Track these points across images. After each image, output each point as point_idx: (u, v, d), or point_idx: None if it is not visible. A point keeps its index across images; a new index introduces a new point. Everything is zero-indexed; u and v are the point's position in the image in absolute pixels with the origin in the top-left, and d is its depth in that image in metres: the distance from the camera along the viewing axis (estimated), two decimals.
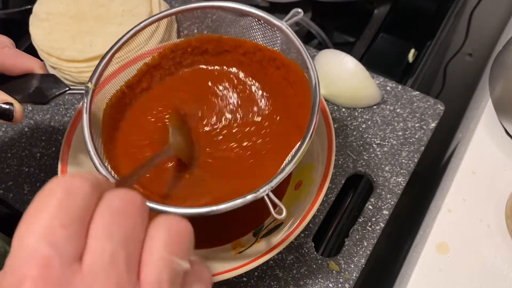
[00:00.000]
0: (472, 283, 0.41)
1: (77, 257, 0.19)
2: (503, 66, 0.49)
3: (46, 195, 0.20)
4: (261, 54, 0.43)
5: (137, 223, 0.21)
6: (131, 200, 0.21)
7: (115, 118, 0.43)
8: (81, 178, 0.21)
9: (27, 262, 0.18)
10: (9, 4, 0.69)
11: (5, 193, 0.50)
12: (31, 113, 0.55)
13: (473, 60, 0.90)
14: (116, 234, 0.20)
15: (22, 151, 0.53)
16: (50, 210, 0.19)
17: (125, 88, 0.43)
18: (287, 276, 0.44)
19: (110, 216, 0.20)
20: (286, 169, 0.34)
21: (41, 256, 0.18)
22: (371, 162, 0.50)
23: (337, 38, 0.70)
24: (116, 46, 0.41)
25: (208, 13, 0.54)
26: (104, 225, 0.20)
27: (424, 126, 0.52)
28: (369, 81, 0.51)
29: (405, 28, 0.67)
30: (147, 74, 0.44)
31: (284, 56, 0.42)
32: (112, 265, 0.19)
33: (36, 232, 0.18)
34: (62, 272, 0.18)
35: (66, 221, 0.19)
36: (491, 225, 0.44)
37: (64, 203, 0.19)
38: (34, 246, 0.18)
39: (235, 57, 0.45)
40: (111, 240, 0.20)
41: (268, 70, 0.44)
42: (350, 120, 0.53)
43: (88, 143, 0.36)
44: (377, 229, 0.46)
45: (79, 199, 0.20)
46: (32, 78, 0.38)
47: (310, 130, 0.35)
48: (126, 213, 0.21)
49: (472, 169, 0.47)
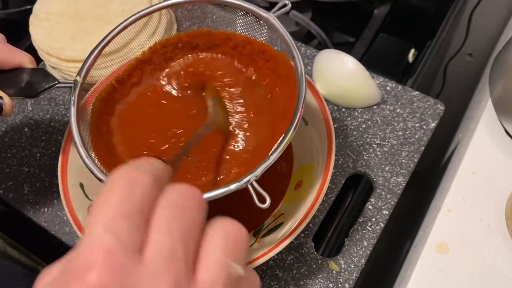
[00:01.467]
0: (472, 283, 0.41)
1: (138, 247, 0.19)
2: (503, 66, 0.49)
3: (110, 186, 0.21)
4: (250, 47, 0.43)
5: (196, 219, 0.21)
6: (191, 196, 0.22)
7: (106, 112, 0.43)
8: (143, 170, 0.21)
9: (94, 249, 0.19)
10: (9, 4, 0.69)
11: (5, 193, 0.50)
12: (31, 113, 0.55)
13: (473, 60, 0.90)
14: (175, 229, 0.20)
15: (22, 151, 0.53)
16: (113, 201, 0.20)
17: (115, 82, 0.43)
18: (287, 276, 0.44)
19: (170, 211, 0.21)
20: (271, 158, 0.34)
21: (105, 244, 0.19)
22: (371, 162, 0.50)
23: (337, 38, 0.70)
24: (105, 40, 0.41)
25: (208, 12, 0.54)
26: (164, 219, 0.20)
27: (424, 126, 0.52)
28: (369, 81, 0.51)
29: (405, 28, 0.67)
30: (137, 69, 0.44)
31: (272, 48, 0.42)
32: (172, 259, 0.19)
33: (101, 222, 0.19)
34: (125, 261, 0.19)
35: (128, 212, 0.20)
36: (491, 225, 0.44)
37: (126, 195, 0.20)
38: (100, 234, 0.19)
39: (225, 51, 0.45)
40: (171, 235, 0.20)
41: (258, 63, 0.43)
42: (350, 120, 0.53)
43: (75, 135, 0.37)
44: (377, 229, 0.46)
45: (141, 191, 0.21)
46: (22, 72, 0.39)
47: (295, 120, 0.35)
48: (186, 208, 0.21)
49: (472, 169, 0.47)
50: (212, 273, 0.20)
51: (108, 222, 0.19)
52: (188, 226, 0.21)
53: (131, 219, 0.20)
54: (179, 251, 0.20)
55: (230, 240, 0.22)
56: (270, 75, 0.43)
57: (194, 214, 0.21)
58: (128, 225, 0.19)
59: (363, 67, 0.51)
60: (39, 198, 0.49)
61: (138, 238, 0.20)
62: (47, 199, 0.49)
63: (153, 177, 0.21)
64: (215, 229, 0.22)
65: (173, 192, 0.21)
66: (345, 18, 0.72)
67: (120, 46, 0.43)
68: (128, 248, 0.19)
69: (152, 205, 0.21)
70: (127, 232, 0.19)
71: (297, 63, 0.38)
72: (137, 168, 0.21)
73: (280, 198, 0.45)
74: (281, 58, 0.41)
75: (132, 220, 0.20)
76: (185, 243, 0.20)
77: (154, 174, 0.22)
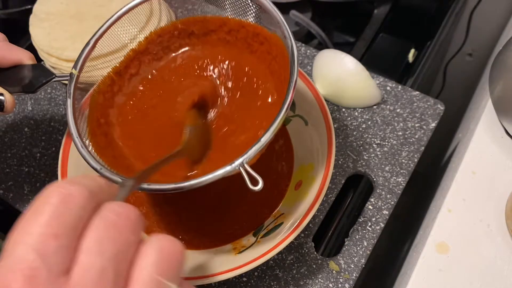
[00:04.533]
0: (472, 283, 0.41)
1: (65, 269, 0.18)
2: (503, 66, 0.49)
3: (42, 201, 0.19)
4: (244, 31, 0.43)
5: (130, 239, 0.21)
6: (126, 215, 0.21)
7: (105, 105, 0.43)
8: (80, 185, 0.20)
9: (14, 271, 0.17)
10: (9, 4, 0.69)
11: (5, 193, 0.50)
12: (31, 113, 0.55)
13: (473, 60, 0.90)
14: (107, 250, 0.19)
15: (22, 151, 0.53)
16: (43, 217, 0.19)
17: (113, 74, 0.43)
18: (287, 276, 0.44)
19: (103, 230, 0.20)
20: (262, 139, 0.33)
21: (28, 266, 0.17)
22: (371, 162, 0.50)
23: (337, 38, 0.70)
24: (100, 31, 0.41)
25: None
26: (96, 239, 0.20)
27: (424, 126, 0.52)
28: (369, 81, 0.51)
29: (405, 28, 0.67)
30: (135, 60, 0.44)
31: (266, 30, 0.41)
32: (101, 281, 0.19)
33: (27, 241, 0.18)
34: (47, 285, 0.18)
35: (58, 231, 0.19)
36: (491, 225, 0.44)
37: (58, 212, 0.19)
38: (23, 255, 0.18)
39: (221, 37, 0.44)
40: (102, 256, 0.19)
41: (253, 47, 0.43)
42: (350, 120, 0.53)
43: (71, 126, 0.37)
44: (377, 229, 0.46)
45: (75, 208, 0.20)
46: (21, 69, 0.39)
47: (287, 101, 0.34)
48: (120, 228, 0.20)
49: (472, 169, 0.47)
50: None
51: (35, 242, 0.18)
52: (121, 246, 0.20)
53: (60, 238, 0.19)
54: (109, 273, 0.19)
55: (164, 257, 0.21)
56: (266, 57, 0.42)
57: (128, 234, 0.21)
58: (57, 245, 0.18)
59: (363, 67, 0.51)
60: None
61: (66, 259, 0.19)
62: None
63: (90, 194, 0.20)
64: (150, 247, 0.21)
65: (109, 211, 0.21)
66: (345, 18, 0.72)
67: (120, 46, 0.43)
68: (54, 270, 0.18)
69: (86, 223, 0.20)
70: (55, 253, 0.18)
71: (288, 43, 0.37)
72: (74, 183, 0.20)
73: (281, 198, 0.46)
74: (274, 39, 0.40)
75: (61, 240, 0.19)
76: (117, 264, 0.19)
77: (91, 190, 0.21)
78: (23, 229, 0.19)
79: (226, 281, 0.44)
